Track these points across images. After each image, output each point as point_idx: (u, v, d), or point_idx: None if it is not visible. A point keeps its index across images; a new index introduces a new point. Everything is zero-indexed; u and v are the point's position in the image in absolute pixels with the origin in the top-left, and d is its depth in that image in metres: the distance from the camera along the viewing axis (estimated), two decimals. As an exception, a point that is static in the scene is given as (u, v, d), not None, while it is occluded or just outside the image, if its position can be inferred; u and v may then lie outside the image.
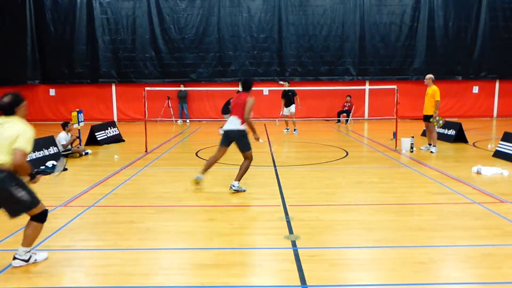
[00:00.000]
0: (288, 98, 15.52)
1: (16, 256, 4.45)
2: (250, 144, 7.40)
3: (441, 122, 11.04)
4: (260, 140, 7.58)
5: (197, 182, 7.48)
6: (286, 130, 16.10)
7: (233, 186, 7.37)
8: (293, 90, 15.64)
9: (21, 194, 4.34)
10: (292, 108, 15.57)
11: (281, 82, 16.10)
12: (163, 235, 5.43)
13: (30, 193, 4.44)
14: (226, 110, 15.43)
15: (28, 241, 4.47)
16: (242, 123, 7.25)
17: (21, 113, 4.43)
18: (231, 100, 15.34)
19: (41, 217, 4.51)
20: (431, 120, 11.01)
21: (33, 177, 4.52)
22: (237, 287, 4.08)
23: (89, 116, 18.56)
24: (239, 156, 7.58)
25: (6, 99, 4.36)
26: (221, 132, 7.71)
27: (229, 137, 7.47)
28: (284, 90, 15.53)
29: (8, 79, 20.39)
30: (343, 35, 20.81)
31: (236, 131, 7.31)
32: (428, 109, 11.07)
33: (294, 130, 15.66)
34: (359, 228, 5.57)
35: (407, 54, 20.90)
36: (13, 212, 4.41)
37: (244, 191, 7.36)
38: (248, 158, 7.43)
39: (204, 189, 7.66)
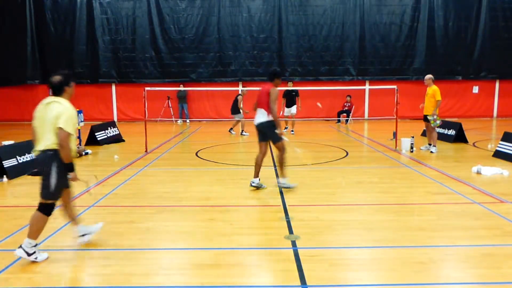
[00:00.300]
0: (291, 98, 15.40)
1: (22, 245, 4.49)
2: (280, 135, 7.30)
3: (438, 122, 11.04)
4: (284, 138, 7.38)
5: (257, 187, 7.44)
6: (285, 129, 16.06)
7: (282, 184, 7.40)
8: (296, 90, 15.52)
9: (53, 180, 4.47)
10: (294, 109, 15.50)
11: (290, 83, 15.91)
12: (163, 235, 5.42)
13: (58, 186, 4.53)
14: (236, 110, 15.39)
15: (32, 232, 4.49)
16: (269, 114, 7.22)
17: (69, 93, 4.57)
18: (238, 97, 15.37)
19: (46, 209, 4.55)
20: (429, 117, 11.02)
21: (72, 168, 4.55)
22: (237, 287, 4.08)
23: (89, 116, 18.58)
24: (238, 156, 7.59)
25: (57, 77, 4.50)
26: (233, 133, 7.71)
27: (260, 131, 7.43)
28: (287, 89, 15.42)
29: (8, 79, 20.43)
30: (343, 35, 20.83)
31: (265, 123, 7.27)
32: (429, 109, 11.07)
33: (291, 131, 15.63)
34: (359, 228, 5.57)
35: (407, 54, 20.92)
36: (40, 193, 4.57)
37: (293, 187, 7.41)
38: (280, 149, 7.36)
39: (204, 189, 7.67)
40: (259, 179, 7.50)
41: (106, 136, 13.47)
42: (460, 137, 12.63)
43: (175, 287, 4.11)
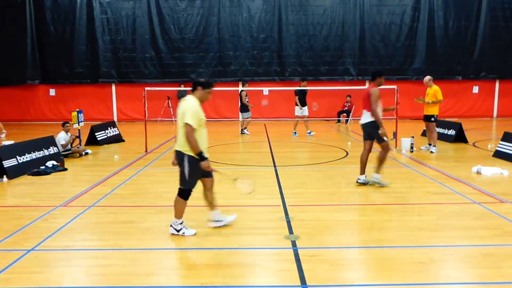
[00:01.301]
0: (303, 97, 14.87)
1: (172, 224, 5.25)
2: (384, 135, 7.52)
3: (421, 102, 11.17)
4: (385, 138, 7.56)
5: (363, 184, 7.66)
6: (294, 133, 15.36)
7: (375, 179, 7.62)
8: (306, 90, 15.14)
9: (186, 170, 5.05)
10: (306, 110, 14.88)
11: (303, 82, 15.49)
12: (163, 235, 5.42)
13: (191, 175, 5.07)
14: (244, 107, 15.25)
15: (176, 213, 5.20)
16: (372, 114, 7.41)
17: (199, 94, 5.19)
18: (243, 92, 15.01)
19: (183, 194, 5.18)
20: (415, 99, 11.17)
21: (202, 158, 4.99)
22: (237, 287, 4.08)
23: (89, 116, 18.57)
24: (238, 156, 7.59)
25: (199, 78, 5.28)
26: (247, 133, 7.76)
27: (365, 130, 7.71)
28: (301, 89, 14.91)
29: (8, 79, 20.44)
30: (343, 35, 20.82)
31: (369, 123, 7.51)
32: (429, 109, 11.08)
33: (294, 133, 15.14)
34: (359, 228, 5.57)
35: (407, 54, 20.91)
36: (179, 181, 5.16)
37: (385, 185, 7.55)
38: (384, 148, 7.57)
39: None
40: (365, 176, 7.74)
41: (106, 136, 13.47)
42: (460, 137, 12.63)
43: (175, 287, 4.11)
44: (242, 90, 15.44)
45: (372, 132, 7.55)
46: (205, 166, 5.05)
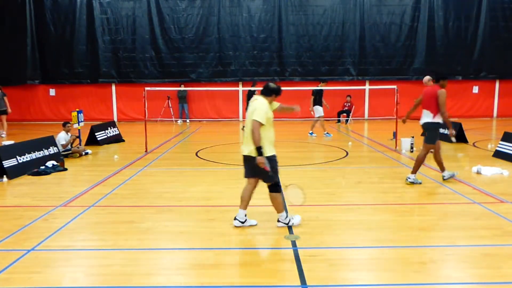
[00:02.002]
0: (320, 98, 14.77)
1: (279, 219, 5.52)
2: (436, 138, 7.70)
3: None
4: (453, 139, 7.85)
5: (412, 183, 7.74)
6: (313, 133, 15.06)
7: (409, 178, 7.73)
8: (323, 91, 14.98)
9: (267, 167, 5.26)
10: (321, 110, 14.82)
11: (322, 83, 15.34)
12: (163, 235, 5.43)
13: (272, 169, 5.33)
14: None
15: (277, 208, 5.49)
16: (434, 116, 7.58)
17: (270, 98, 5.54)
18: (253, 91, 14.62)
19: (275, 188, 5.42)
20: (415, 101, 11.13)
21: (260, 153, 5.21)
22: (237, 287, 4.08)
23: (89, 116, 18.58)
24: (238, 157, 7.59)
25: (269, 83, 5.62)
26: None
27: (425, 130, 7.91)
28: (319, 89, 14.77)
29: (8, 79, 20.41)
30: (343, 35, 20.82)
31: (429, 123, 7.71)
32: None
33: (311, 133, 14.91)
34: (359, 228, 5.57)
35: (407, 54, 20.91)
36: (265, 179, 5.45)
37: (420, 183, 7.67)
38: (424, 149, 7.76)
39: (204, 189, 7.67)
40: (415, 175, 7.82)
41: (106, 136, 13.47)
42: (460, 137, 12.61)
43: (175, 287, 4.11)
44: (252, 91, 15.10)
45: (428, 131, 7.73)
46: (260, 162, 5.23)
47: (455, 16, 20.70)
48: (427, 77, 11.30)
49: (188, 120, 20.70)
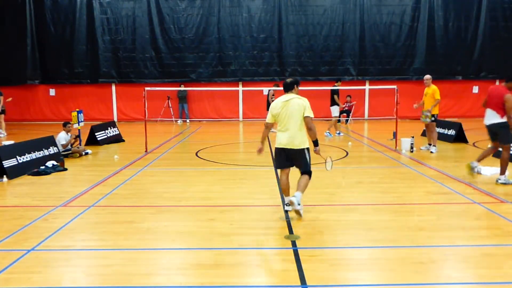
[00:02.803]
0: (337, 97, 14.84)
1: (297, 196, 5.80)
2: (510, 136, 7.60)
3: (428, 120, 11.06)
4: None
5: (504, 183, 7.68)
6: (337, 133, 15.10)
7: (499, 180, 7.70)
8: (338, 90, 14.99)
9: (308, 157, 6.00)
10: (336, 110, 14.92)
11: (338, 82, 15.21)
12: (163, 235, 5.42)
13: (310, 158, 6.04)
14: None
15: (303, 188, 5.90)
16: (502, 116, 7.53)
17: (296, 91, 6.05)
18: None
19: (310, 174, 6.05)
20: (423, 111, 11.10)
21: (317, 144, 6.04)
22: (237, 287, 4.08)
23: (89, 116, 18.58)
24: (238, 157, 7.58)
25: (291, 78, 6.20)
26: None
27: (491, 131, 7.81)
28: (337, 88, 14.80)
29: (8, 79, 20.43)
30: (343, 35, 20.82)
31: (496, 124, 7.62)
32: (428, 108, 11.07)
33: (338, 132, 14.93)
34: (359, 228, 5.57)
35: (407, 54, 20.90)
36: (303, 167, 6.05)
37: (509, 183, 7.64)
38: (506, 150, 7.68)
39: (204, 189, 7.67)
40: (506, 176, 7.75)
41: (106, 136, 13.47)
42: (460, 137, 12.63)
43: (175, 287, 4.11)
44: (269, 90, 15.07)
45: (499, 132, 7.67)
46: (318, 150, 6.08)
47: (455, 16, 20.70)
48: (427, 76, 11.31)
49: (188, 120, 20.70)
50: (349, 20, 20.75)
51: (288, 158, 6.07)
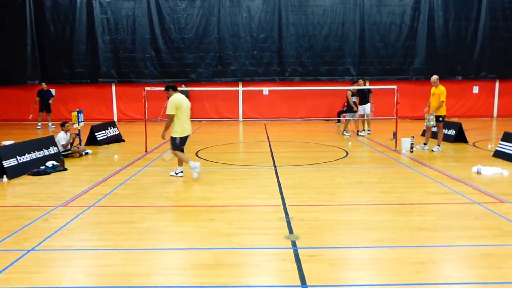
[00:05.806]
0: (364, 95, 14.88)
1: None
2: None
3: (431, 123, 11.09)
4: None
5: None
6: (363, 131, 15.19)
7: None
8: (369, 88, 15.09)
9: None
10: (368, 107, 14.98)
11: (360, 82, 15.24)
12: (163, 235, 5.42)
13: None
14: (349, 107, 14.93)
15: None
16: None
17: None
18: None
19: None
20: (426, 116, 11.11)
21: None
22: (237, 287, 4.08)
23: (89, 116, 18.58)
24: (238, 157, 7.58)
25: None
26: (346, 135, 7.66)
27: None
28: (362, 88, 14.79)
29: (8, 79, 20.43)
30: (343, 35, 20.81)
31: None
32: (437, 110, 11.11)
33: (368, 130, 15.15)
34: (359, 228, 5.57)
35: (407, 54, 20.90)
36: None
37: None
38: None
39: (204, 189, 7.67)
40: None
41: (106, 136, 13.47)
42: (460, 137, 12.63)
43: (175, 287, 4.11)
44: (348, 90, 14.97)
45: None
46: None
47: (455, 16, 20.69)
48: (435, 76, 11.31)
49: (188, 120, 20.68)
50: (349, 20, 20.74)
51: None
